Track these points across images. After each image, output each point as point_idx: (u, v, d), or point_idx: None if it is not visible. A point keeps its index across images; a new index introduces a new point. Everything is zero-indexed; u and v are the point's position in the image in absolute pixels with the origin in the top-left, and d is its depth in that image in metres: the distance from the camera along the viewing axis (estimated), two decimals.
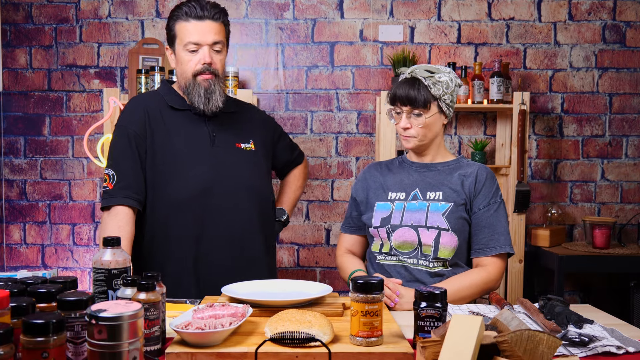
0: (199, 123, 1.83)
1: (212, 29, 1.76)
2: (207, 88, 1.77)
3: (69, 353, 0.99)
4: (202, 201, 1.75)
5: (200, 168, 1.76)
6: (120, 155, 1.76)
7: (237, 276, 1.64)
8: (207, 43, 1.75)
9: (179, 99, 1.84)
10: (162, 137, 1.77)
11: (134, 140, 1.75)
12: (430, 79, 1.70)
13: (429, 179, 1.77)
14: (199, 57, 1.76)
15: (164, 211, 1.75)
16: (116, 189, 1.71)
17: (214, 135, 1.83)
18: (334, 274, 3.29)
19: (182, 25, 1.76)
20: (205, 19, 1.75)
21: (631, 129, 3.30)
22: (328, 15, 3.26)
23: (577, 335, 1.22)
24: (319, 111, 3.27)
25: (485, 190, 1.73)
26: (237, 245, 1.79)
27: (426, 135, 1.74)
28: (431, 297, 1.16)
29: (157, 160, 1.75)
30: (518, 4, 3.25)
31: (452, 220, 1.69)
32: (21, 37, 3.25)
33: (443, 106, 1.73)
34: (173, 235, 1.75)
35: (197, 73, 1.76)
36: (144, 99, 1.86)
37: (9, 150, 3.28)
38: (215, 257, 1.76)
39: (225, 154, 1.82)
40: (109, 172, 1.74)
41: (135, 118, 1.79)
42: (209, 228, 1.75)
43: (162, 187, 1.75)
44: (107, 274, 1.21)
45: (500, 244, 1.70)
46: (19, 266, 3.28)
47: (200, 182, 1.75)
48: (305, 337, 1.07)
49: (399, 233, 1.72)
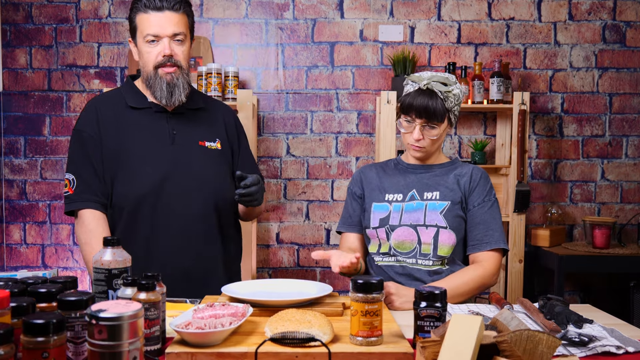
0: (159, 120, 1.78)
1: (172, 19, 1.70)
2: (170, 82, 1.73)
3: (69, 353, 0.99)
4: (151, 201, 1.71)
5: (152, 167, 1.72)
6: (78, 160, 1.74)
7: (192, 279, 1.64)
8: (167, 35, 1.70)
9: (139, 97, 1.80)
10: (115, 137, 1.74)
11: (89, 142, 1.73)
12: (446, 92, 1.70)
13: (425, 180, 1.79)
14: (159, 48, 1.71)
15: (117, 211, 1.73)
16: (76, 193, 1.71)
17: (174, 133, 1.77)
18: (334, 274, 3.28)
19: (141, 16, 1.71)
20: (165, 9, 1.69)
21: (631, 129, 3.30)
22: (328, 15, 3.26)
23: (577, 335, 1.22)
24: (319, 111, 3.27)
25: (479, 188, 1.76)
26: (190, 249, 1.73)
27: (435, 146, 1.77)
28: (431, 297, 1.16)
29: (111, 161, 1.73)
30: (518, 4, 3.25)
31: (450, 218, 1.71)
32: (21, 37, 3.25)
33: (452, 118, 1.76)
34: (123, 237, 1.67)
35: (158, 65, 1.72)
36: (99, 100, 1.82)
37: (9, 150, 3.28)
38: (166, 261, 1.71)
39: (185, 152, 1.77)
40: (69, 177, 1.73)
41: (88, 121, 1.76)
42: (159, 229, 1.71)
43: (115, 187, 1.72)
44: (107, 274, 1.21)
45: (495, 239, 1.71)
46: (19, 266, 3.28)
47: (149, 181, 1.71)
48: (305, 337, 1.07)
49: (398, 232, 1.73)
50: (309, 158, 3.28)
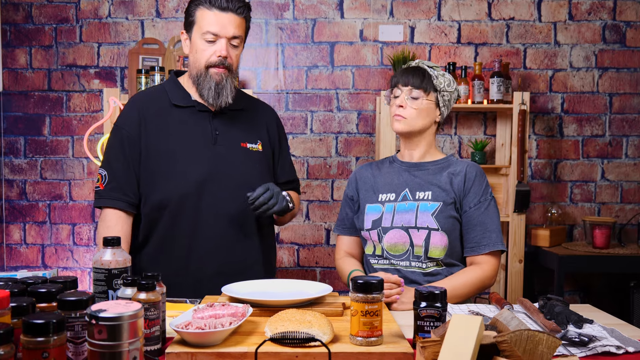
0: (202, 120, 1.77)
1: (234, 22, 1.69)
2: (219, 82, 1.71)
3: (69, 353, 0.99)
4: (193, 200, 1.71)
5: (194, 167, 1.72)
6: (112, 156, 1.74)
7: (231, 278, 1.63)
8: (226, 36, 1.69)
9: (184, 95, 1.79)
10: (157, 136, 1.74)
11: (127, 141, 1.73)
12: (435, 70, 1.76)
13: (418, 179, 1.77)
14: (216, 48, 1.69)
15: (158, 210, 1.73)
16: (106, 190, 1.72)
17: (217, 133, 1.77)
18: (334, 274, 3.29)
19: (203, 12, 1.69)
20: (229, 11, 1.68)
21: (631, 129, 3.30)
22: (328, 15, 3.26)
23: (577, 335, 1.22)
24: (319, 111, 3.27)
25: (475, 188, 1.73)
26: (230, 248, 1.75)
27: (417, 121, 1.74)
28: (431, 297, 1.16)
29: (150, 160, 1.73)
30: (518, 4, 3.25)
31: (442, 219, 1.69)
32: (21, 37, 3.25)
33: (440, 101, 1.75)
34: (164, 235, 1.73)
35: (210, 65, 1.71)
36: (141, 97, 1.82)
37: (9, 150, 3.28)
38: (207, 259, 1.73)
39: (227, 153, 1.77)
40: (102, 172, 1.74)
41: (129, 119, 1.76)
42: (200, 228, 1.72)
43: (154, 187, 1.72)
44: (107, 274, 1.21)
45: (493, 242, 1.70)
46: (19, 266, 3.28)
47: (191, 181, 1.71)
48: (305, 337, 1.07)
49: (390, 235, 1.72)
50: (309, 158, 3.28)
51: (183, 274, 1.72)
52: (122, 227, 1.71)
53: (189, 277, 1.73)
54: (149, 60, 3.16)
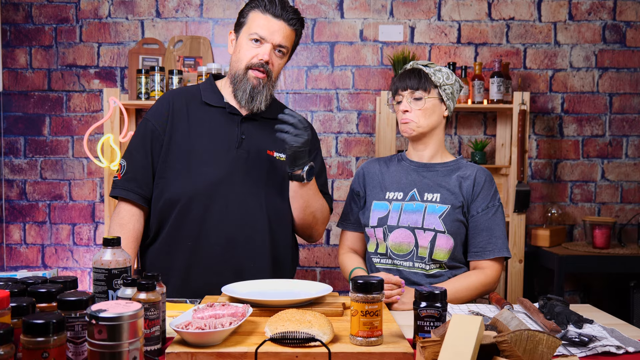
0: (231, 122, 1.74)
1: (283, 30, 1.69)
2: (255, 86, 1.70)
3: (69, 353, 0.99)
4: (203, 201, 1.68)
5: (210, 168, 1.69)
6: (134, 148, 1.74)
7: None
8: (273, 42, 1.68)
9: (216, 95, 1.78)
10: (183, 132, 1.72)
11: (151, 134, 1.73)
12: (431, 67, 1.76)
13: (427, 180, 1.77)
14: (259, 51, 1.68)
15: (168, 207, 1.70)
16: (123, 180, 1.71)
17: (243, 138, 1.73)
18: (334, 274, 3.29)
19: (256, 15, 1.69)
20: (281, 19, 1.68)
21: (631, 129, 3.30)
22: (328, 15, 3.26)
23: (577, 335, 1.22)
24: (319, 111, 3.27)
25: (483, 193, 1.73)
26: (237, 258, 1.69)
27: (425, 121, 1.74)
28: (431, 297, 1.16)
29: (170, 155, 1.71)
30: (518, 4, 3.25)
31: (449, 222, 1.69)
32: (21, 37, 3.25)
33: (443, 95, 1.75)
34: (171, 234, 1.71)
35: (250, 66, 1.69)
36: (175, 93, 1.81)
37: (9, 150, 3.28)
38: (210, 262, 1.69)
39: (249, 158, 1.72)
40: (122, 162, 1.74)
41: (158, 112, 1.75)
42: (206, 231, 1.68)
43: (168, 183, 1.71)
44: (107, 274, 1.21)
45: (498, 248, 1.70)
46: (19, 266, 3.28)
47: (204, 181, 1.68)
48: (305, 337, 1.07)
49: (396, 234, 1.72)
50: None
51: (186, 276, 1.70)
52: (134, 225, 1.70)
53: (190, 279, 1.70)
54: (149, 61, 3.17)
